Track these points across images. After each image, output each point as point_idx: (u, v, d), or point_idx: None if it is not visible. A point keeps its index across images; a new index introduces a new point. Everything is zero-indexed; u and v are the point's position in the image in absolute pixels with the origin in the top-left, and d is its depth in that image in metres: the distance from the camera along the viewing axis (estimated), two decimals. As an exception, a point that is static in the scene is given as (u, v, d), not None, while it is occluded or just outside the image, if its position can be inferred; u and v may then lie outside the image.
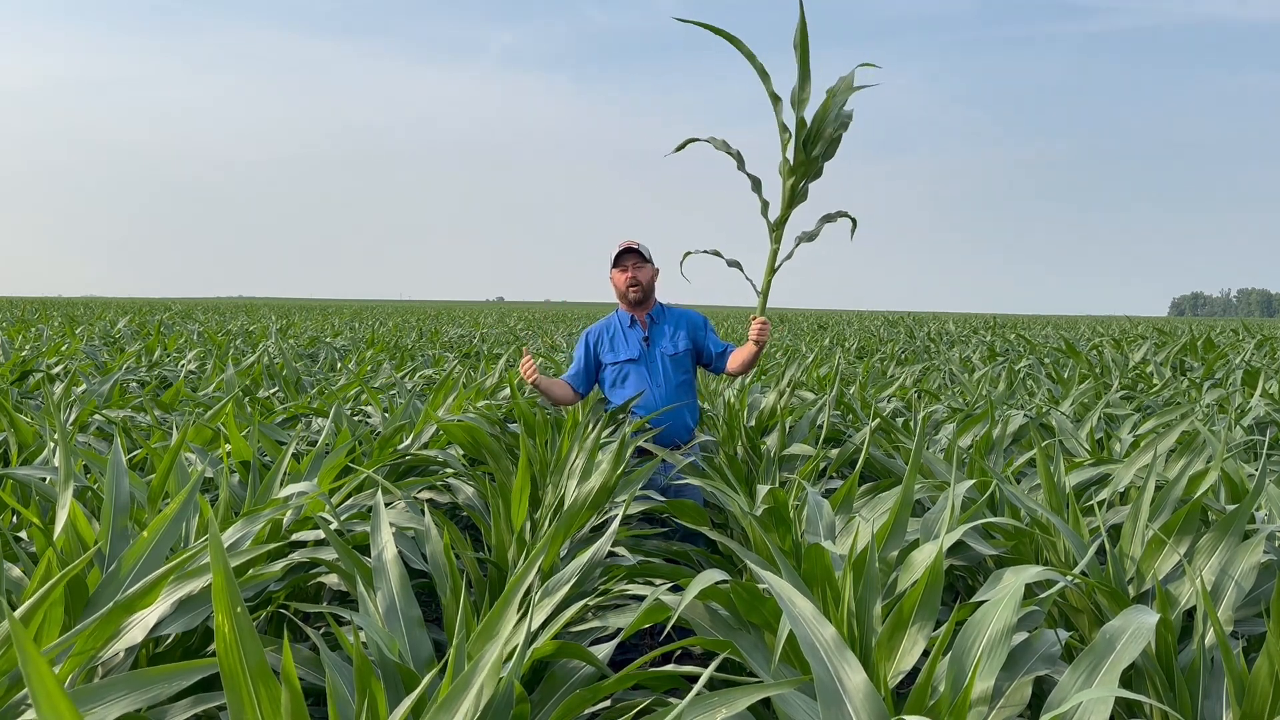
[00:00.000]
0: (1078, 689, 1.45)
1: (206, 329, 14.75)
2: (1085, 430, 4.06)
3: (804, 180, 3.35)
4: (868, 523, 2.42)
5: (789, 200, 3.37)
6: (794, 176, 3.33)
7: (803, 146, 3.28)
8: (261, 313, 29.04)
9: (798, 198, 3.36)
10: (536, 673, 1.89)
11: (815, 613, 1.55)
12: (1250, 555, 2.05)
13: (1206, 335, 10.98)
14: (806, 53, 3.19)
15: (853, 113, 3.30)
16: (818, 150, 3.28)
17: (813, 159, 3.30)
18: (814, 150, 3.28)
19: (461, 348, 12.09)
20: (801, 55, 3.20)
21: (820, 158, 3.31)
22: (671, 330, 3.82)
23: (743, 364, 3.72)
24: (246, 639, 1.29)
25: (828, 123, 3.25)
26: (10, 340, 9.55)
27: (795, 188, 3.34)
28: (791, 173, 3.32)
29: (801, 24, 3.13)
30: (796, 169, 3.31)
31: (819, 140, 3.27)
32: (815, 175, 3.36)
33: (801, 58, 3.20)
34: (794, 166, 3.31)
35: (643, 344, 3.79)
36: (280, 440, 3.56)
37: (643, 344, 3.79)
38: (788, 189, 3.35)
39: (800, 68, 3.22)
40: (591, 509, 2.59)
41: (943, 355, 11.54)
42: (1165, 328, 19.78)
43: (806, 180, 3.36)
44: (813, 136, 3.27)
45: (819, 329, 21.69)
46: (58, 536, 1.99)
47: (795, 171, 3.32)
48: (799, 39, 3.18)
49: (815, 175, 3.36)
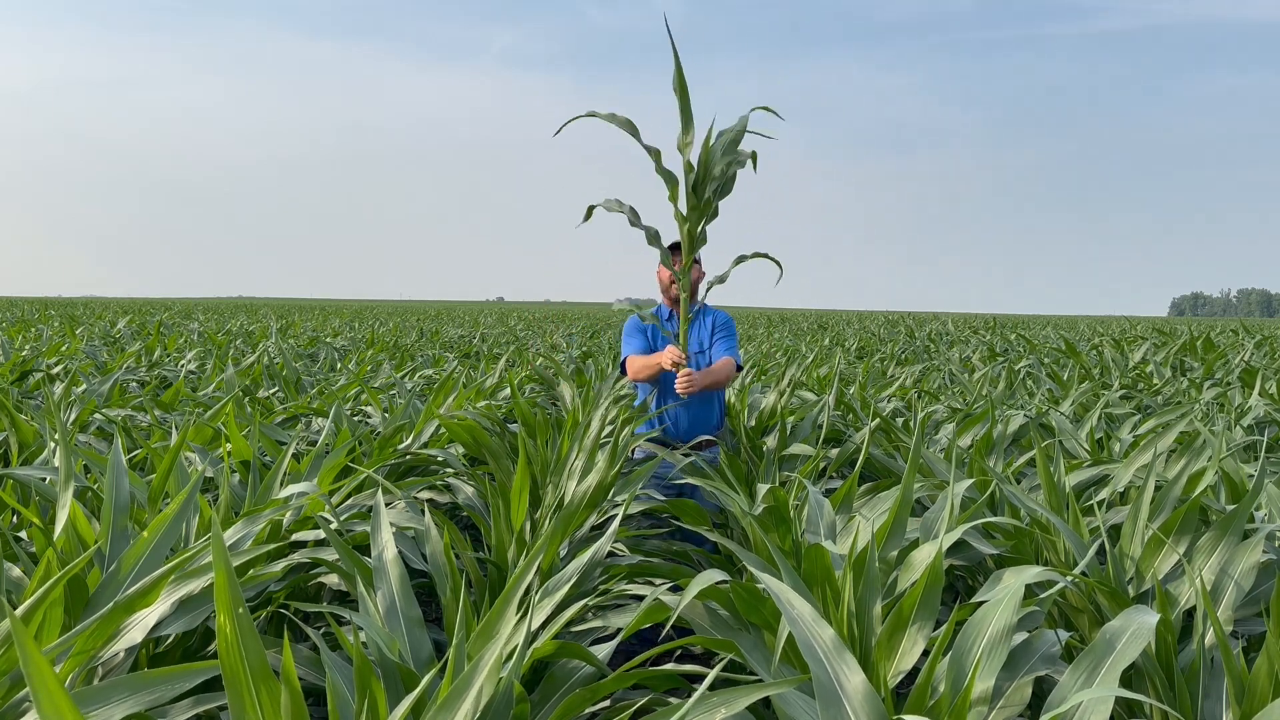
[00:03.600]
0: (1078, 689, 1.45)
1: (206, 329, 14.75)
2: (1085, 430, 4.06)
3: (700, 223, 3.34)
4: (868, 522, 2.42)
5: (689, 246, 3.37)
6: (689, 222, 3.32)
7: (693, 190, 3.27)
8: (261, 313, 29.04)
9: (697, 242, 3.37)
10: (536, 672, 1.90)
11: (814, 614, 1.55)
12: (1250, 555, 2.05)
13: (1206, 335, 10.98)
14: (686, 97, 3.22)
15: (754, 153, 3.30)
16: (709, 192, 3.27)
17: (705, 201, 3.29)
18: (705, 192, 3.27)
19: (461, 348, 12.10)
20: (681, 99, 3.22)
21: (714, 198, 3.30)
22: (699, 332, 3.83)
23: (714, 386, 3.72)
24: (248, 639, 1.29)
25: (715, 162, 3.24)
26: (10, 340, 9.55)
27: (693, 233, 3.34)
28: (685, 219, 3.32)
29: (678, 69, 3.15)
30: (690, 214, 3.31)
31: (709, 180, 3.26)
32: (712, 216, 3.35)
33: (681, 102, 3.22)
34: (688, 213, 3.31)
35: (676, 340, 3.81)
36: (280, 440, 3.56)
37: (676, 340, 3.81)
38: (685, 235, 3.36)
39: (682, 113, 3.24)
40: (590, 507, 2.59)
41: (943, 355, 11.54)
42: (1165, 328, 19.78)
43: (704, 222, 3.35)
44: (702, 178, 3.26)
45: (819, 329, 21.70)
46: (58, 536, 1.99)
47: (690, 216, 3.31)
48: (677, 83, 3.19)
49: (712, 216, 3.35)
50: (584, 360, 9.53)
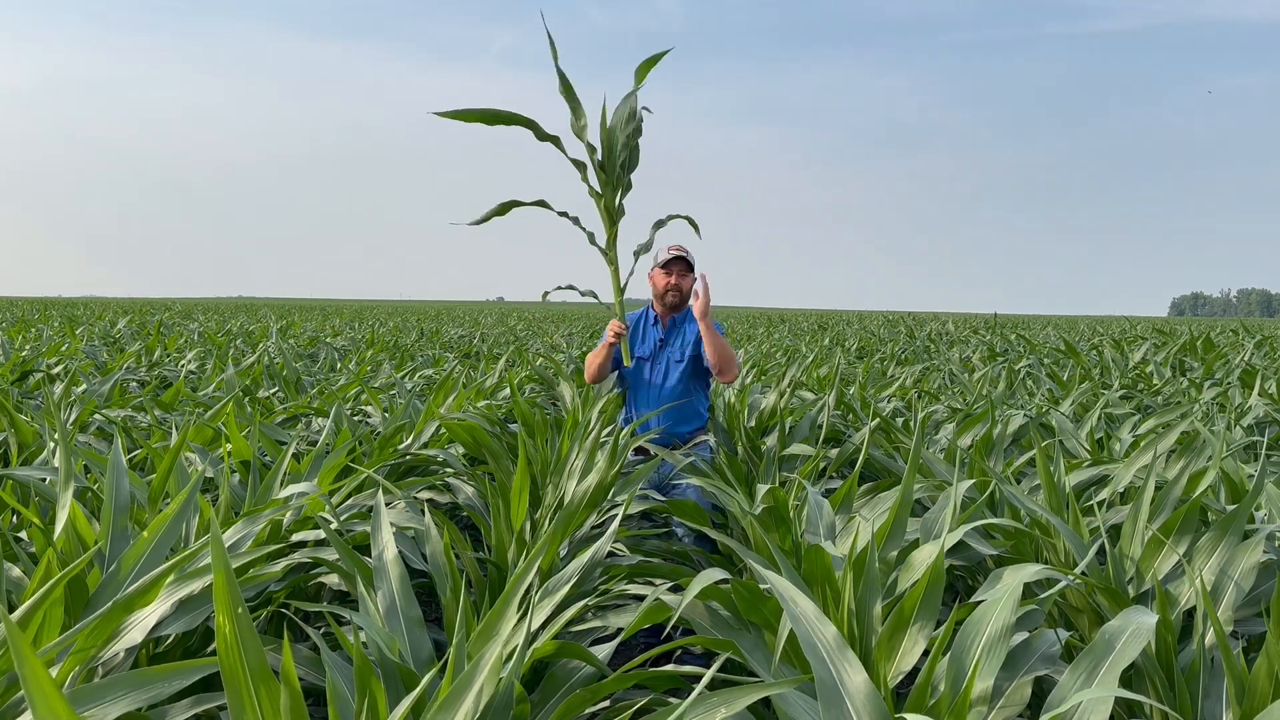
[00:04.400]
0: (1078, 689, 1.45)
1: (206, 329, 14.75)
2: (1085, 430, 4.06)
3: (615, 197, 3.49)
4: (868, 522, 2.42)
5: (609, 220, 3.51)
6: (604, 197, 3.47)
7: (600, 169, 3.42)
8: (261, 313, 29.03)
9: (617, 215, 3.51)
10: (536, 672, 1.90)
11: (817, 612, 1.55)
12: (1250, 555, 2.05)
13: (1206, 335, 10.97)
14: (568, 84, 3.38)
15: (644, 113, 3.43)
16: (618, 167, 3.42)
17: (616, 176, 3.44)
18: (614, 168, 3.42)
19: (461, 348, 12.10)
20: (564, 87, 3.38)
21: (624, 170, 3.45)
22: (685, 337, 3.83)
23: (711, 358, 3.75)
24: (247, 639, 1.29)
25: (616, 137, 3.38)
26: (10, 340, 9.55)
27: (611, 207, 3.49)
28: (600, 195, 3.47)
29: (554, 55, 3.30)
30: (605, 190, 3.46)
31: (614, 155, 3.40)
32: (625, 189, 3.50)
33: (564, 90, 3.39)
34: (601, 189, 3.46)
35: (657, 345, 3.82)
36: (280, 440, 3.56)
37: (657, 345, 3.82)
38: (604, 210, 3.50)
39: (567, 99, 3.40)
40: (589, 507, 2.59)
41: (943, 355, 11.54)
42: (1165, 328, 19.78)
43: (619, 196, 3.50)
44: (607, 155, 3.41)
45: (819, 329, 21.69)
46: (58, 536, 1.99)
47: (605, 192, 3.46)
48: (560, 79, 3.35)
49: (625, 189, 3.50)
50: (584, 360, 9.52)
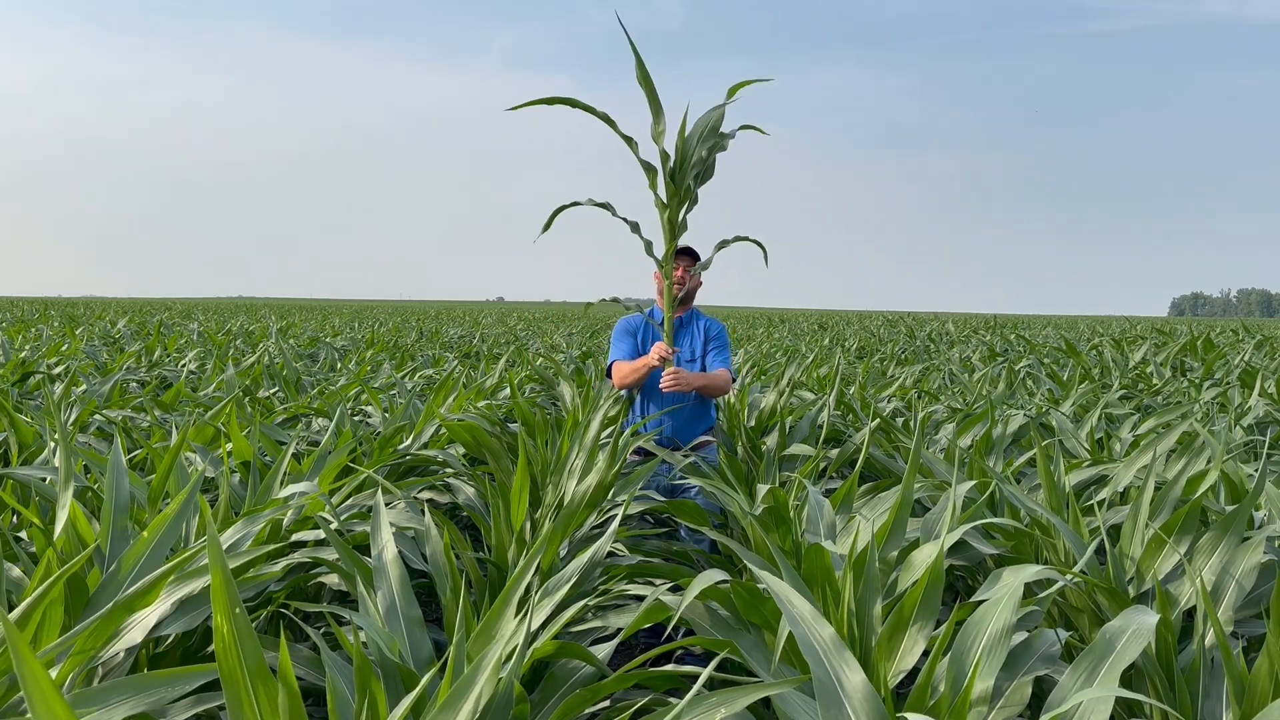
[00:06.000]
0: (1078, 689, 1.45)
1: (206, 329, 14.75)
2: (1085, 430, 4.06)
3: (681, 211, 3.40)
4: (868, 522, 2.42)
5: (671, 234, 3.43)
6: (669, 209, 3.38)
7: (671, 179, 3.33)
8: (261, 313, 29.04)
9: (679, 229, 3.42)
10: (536, 672, 1.90)
11: (814, 613, 1.54)
12: (1250, 555, 2.05)
13: (1206, 335, 10.98)
14: (651, 86, 3.27)
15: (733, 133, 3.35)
16: (689, 178, 3.33)
17: (685, 188, 3.35)
18: (684, 180, 3.33)
19: (461, 348, 12.10)
20: (647, 90, 3.28)
21: (693, 185, 3.36)
22: (691, 339, 3.78)
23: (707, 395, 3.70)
24: (245, 640, 1.29)
25: (692, 149, 3.29)
26: (10, 340, 9.54)
27: (674, 220, 3.39)
28: (666, 206, 3.37)
29: (638, 61, 3.21)
30: (670, 201, 3.36)
31: (687, 167, 3.31)
32: (692, 203, 3.41)
33: (648, 93, 3.28)
34: (667, 200, 3.36)
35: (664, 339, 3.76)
36: (280, 440, 3.56)
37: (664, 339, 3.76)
38: (666, 223, 3.41)
39: (650, 103, 3.29)
40: (589, 507, 2.59)
41: (943, 355, 11.54)
42: (1165, 328, 19.78)
43: (685, 210, 3.40)
44: (680, 166, 3.32)
45: (819, 329, 21.70)
46: (58, 536, 1.99)
47: (670, 204, 3.37)
48: (640, 75, 3.25)
49: (692, 203, 3.41)
50: (584, 360, 9.52)
